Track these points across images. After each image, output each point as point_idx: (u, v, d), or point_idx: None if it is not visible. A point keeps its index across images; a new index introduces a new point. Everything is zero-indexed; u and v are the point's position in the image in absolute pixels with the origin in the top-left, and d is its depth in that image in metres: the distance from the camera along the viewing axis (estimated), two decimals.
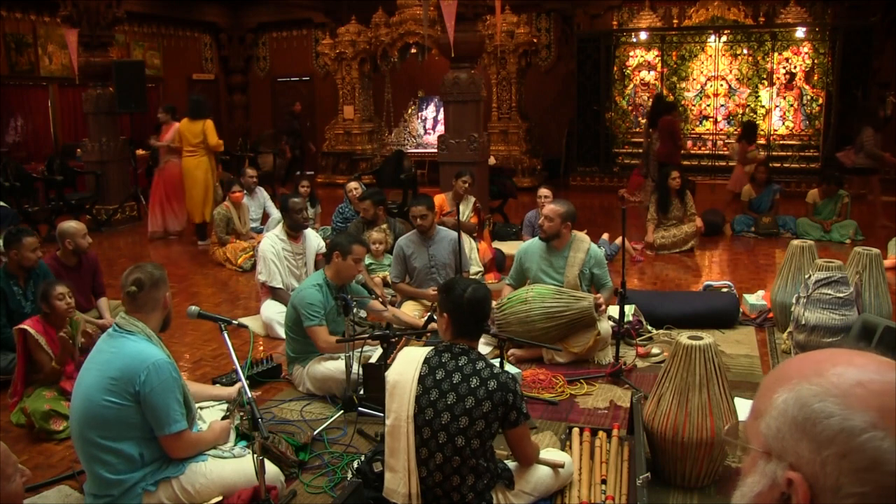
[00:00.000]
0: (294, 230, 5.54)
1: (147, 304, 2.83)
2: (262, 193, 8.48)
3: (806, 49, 12.05)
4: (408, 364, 2.72)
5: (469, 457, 2.60)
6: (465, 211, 7.14)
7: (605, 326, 4.52)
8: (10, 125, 11.67)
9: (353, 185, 7.50)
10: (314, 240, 5.76)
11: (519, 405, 2.63)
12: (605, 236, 7.42)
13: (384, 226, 6.46)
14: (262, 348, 5.07)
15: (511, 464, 2.84)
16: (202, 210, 8.60)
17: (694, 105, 12.82)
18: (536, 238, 4.98)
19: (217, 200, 8.41)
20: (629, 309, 4.86)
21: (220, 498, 2.81)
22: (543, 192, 6.87)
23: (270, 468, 2.89)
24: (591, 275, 4.76)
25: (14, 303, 4.55)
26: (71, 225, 5.12)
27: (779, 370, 0.84)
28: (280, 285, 5.38)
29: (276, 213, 7.95)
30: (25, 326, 3.91)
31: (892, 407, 0.73)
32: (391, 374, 2.74)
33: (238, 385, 3.42)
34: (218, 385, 3.94)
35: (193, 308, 3.09)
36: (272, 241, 5.49)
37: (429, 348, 2.78)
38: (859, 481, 0.72)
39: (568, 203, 4.76)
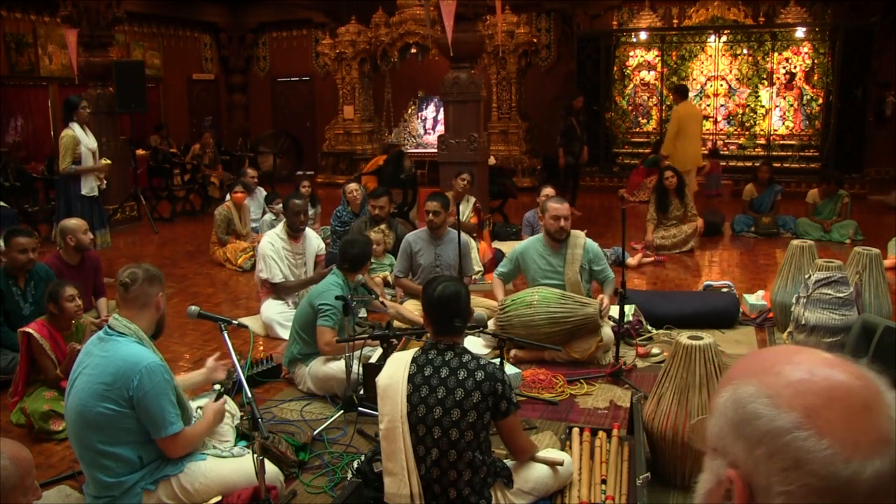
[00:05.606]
0: (293, 231, 5.55)
1: (139, 297, 2.78)
2: (262, 193, 8.47)
3: (806, 49, 12.05)
4: (396, 366, 2.76)
5: (464, 450, 2.61)
6: (465, 211, 7.13)
7: (607, 332, 4.51)
8: (10, 125, 11.67)
9: (352, 186, 7.32)
10: (314, 240, 5.75)
11: (508, 395, 2.65)
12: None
13: (383, 226, 6.45)
14: (262, 348, 5.06)
15: (510, 463, 2.84)
16: None
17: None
18: (533, 238, 4.98)
19: None
20: (629, 309, 4.86)
21: (219, 497, 2.81)
22: (548, 191, 6.84)
23: (270, 468, 2.88)
24: (590, 270, 4.76)
25: (11, 304, 4.49)
26: (71, 221, 5.05)
27: (731, 368, 0.87)
28: (281, 279, 5.39)
29: (267, 214, 7.96)
30: (30, 330, 3.86)
31: (817, 406, 0.75)
32: (381, 379, 2.76)
33: (211, 360, 3.35)
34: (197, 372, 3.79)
35: (193, 308, 3.09)
36: (272, 240, 5.49)
37: (416, 349, 2.80)
38: (786, 480, 0.74)
39: None
